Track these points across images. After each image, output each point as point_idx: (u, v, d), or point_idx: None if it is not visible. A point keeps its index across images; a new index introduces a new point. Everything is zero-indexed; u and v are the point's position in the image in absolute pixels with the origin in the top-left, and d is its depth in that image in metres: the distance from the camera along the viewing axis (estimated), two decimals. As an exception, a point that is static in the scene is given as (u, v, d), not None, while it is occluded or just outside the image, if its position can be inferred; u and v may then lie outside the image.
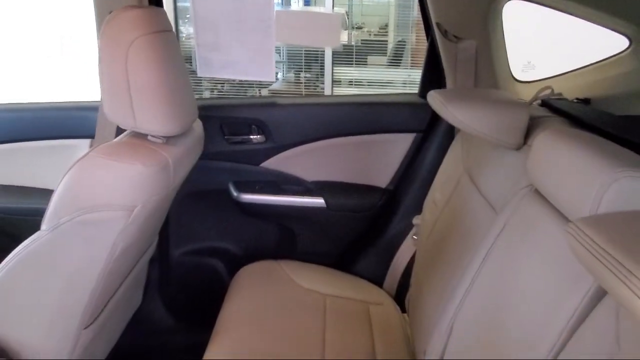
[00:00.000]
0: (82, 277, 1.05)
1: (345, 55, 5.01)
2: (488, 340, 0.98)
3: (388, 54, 5.31)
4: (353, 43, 5.20)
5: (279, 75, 5.59)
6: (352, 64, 5.05)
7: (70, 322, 1.09)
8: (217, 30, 1.48)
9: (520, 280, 0.93)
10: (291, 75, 5.58)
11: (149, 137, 1.12)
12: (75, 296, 1.06)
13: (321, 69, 5.02)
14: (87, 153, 1.03)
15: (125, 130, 1.16)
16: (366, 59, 5.13)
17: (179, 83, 1.12)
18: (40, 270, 1.03)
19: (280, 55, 5.48)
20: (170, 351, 1.78)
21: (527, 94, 1.59)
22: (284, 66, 5.55)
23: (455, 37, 1.50)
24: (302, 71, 5.24)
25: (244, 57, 1.56)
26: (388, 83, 5.13)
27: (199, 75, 1.57)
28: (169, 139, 1.14)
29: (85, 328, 1.13)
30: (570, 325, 0.77)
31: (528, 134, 1.13)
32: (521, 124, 1.09)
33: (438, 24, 1.50)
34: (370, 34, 5.43)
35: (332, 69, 4.94)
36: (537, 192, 0.98)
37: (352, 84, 5.18)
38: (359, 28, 5.47)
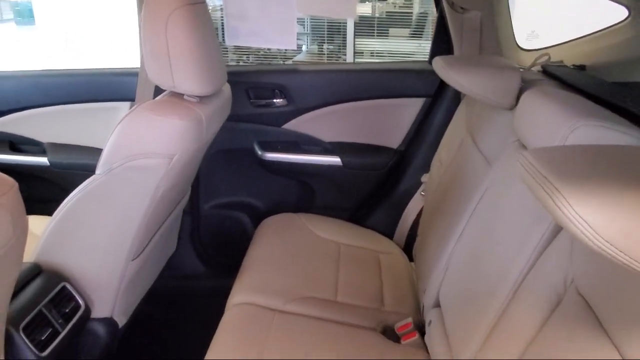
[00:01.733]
0: (129, 215, 1.24)
1: (367, 27, 5.09)
2: (471, 276, 1.14)
3: (412, 25, 5.36)
4: (377, 15, 5.26)
5: (304, 47, 5.71)
6: (374, 35, 5.12)
7: (120, 254, 1.28)
8: (243, 1, 1.63)
9: (499, 223, 1.08)
10: (314, 47, 5.68)
11: (185, 97, 1.29)
12: (124, 231, 1.25)
13: (343, 40, 5.12)
14: (134, 109, 1.20)
15: (163, 91, 1.33)
16: (388, 30, 5.19)
17: (211, 49, 1.28)
18: (95, 208, 1.22)
19: (304, 27, 5.58)
20: (200, 295, 1.97)
21: (530, 61, 1.70)
22: (308, 38, 5.65)
23: (462, 8, 1.61)
24: (324, 43, 5.34)
25: (267, 27, 1.71)
26: (409, 54, 5.21)
27: (227, 43, 1.72)
28: (202, 99, 1.31)
29: (132, 260, 1.32)
30: (535, 255, 0.92)
31: (520, 95, 1.26)
32: (513, 86, 1.22)
33: (446, -5, 1.62)
34: (395, 6, 5.48)
35: (354, 41, 5.03)
36: (523, 146, 1.12)
37: (373, 55, 5.27)
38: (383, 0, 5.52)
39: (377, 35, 5.12)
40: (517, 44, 1.74)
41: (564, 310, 0.81)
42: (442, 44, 1.76)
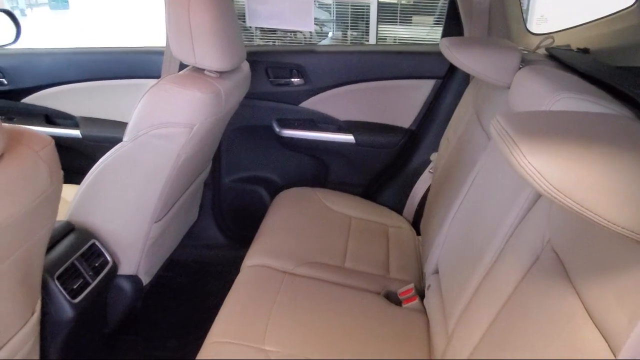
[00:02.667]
0: (153, 179, 1.35)
1: (391, 14, 5.12)
2: (465, 242, 1.22)
3: (436, 13, 5.36)
4: (404, 1, 5.28)
5: (330, 34, 5.78)
6: (397, 22, 5.15)
7: (144, 216, 1.40)
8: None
9: (490, 192, 1.16)
10: (339, 33, 5.74)
11: (206, 72, 1.39)
12: (148, 194, 1.37)
13: (366, 26, 5.16)
14: (158, 81, 1.31)
15: (186, 66, 1.43)
16: (411, 17, 5.22)
17: (231, 28, 1.37)
18: (122, 173, 1.34)
19: (330, 14, 5.64)
20: (219, 264, 2.09)
21: (542, 46, 1.75)
22: (334, 25, 5.71)
23: (473, -9, 1.67)
24: (348, 29, 5.40)
25: (286, 9, 1.80)
26: (432, 41, 5.23)
27: (248, 24, 1.82)
28: (221, 74, 1.41)
29: (156, 222, 1.44)
30: (518, 219, 1.00)
31: (520, 75, 1.32)
32: (511, 65, 1.28)
33: (457, -21, 1.68)
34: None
35: (377, 27, 5.07)
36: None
37: (396, 42, 5.30)
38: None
39: (400, 22, 5.15)
40: (526, 27, 1.79)
41: (540, 266, 0.89)
42: (453, 27, 1.82)
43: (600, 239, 0.76)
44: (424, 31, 5.24)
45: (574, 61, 1.35)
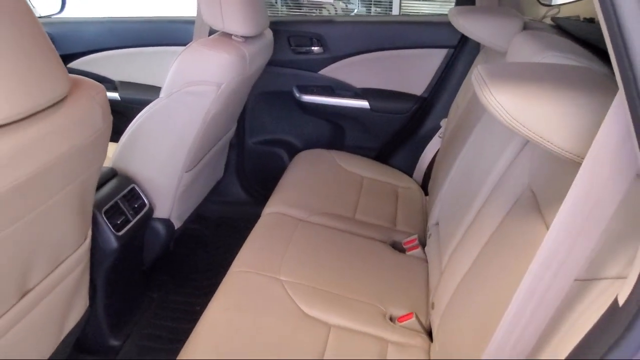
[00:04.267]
0: (185, 132, 1.51)
1: (415, -11, 5.17)
2: (461, 191, 1.36)
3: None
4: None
5: (355, 11, 5.85)
6: (421, -2, 5.20)
7: (177, 165, 1.57)
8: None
9: (486, 144, 1.29)
10: (363, 9, 5.81)
11: (233, 37, 1.54)
12: (180, 145, 1.53)
13: (390, 3, 5.22)
14: (190, 44, 1.47)
15: (214, 33, 1.58)
16: (435, -8, 5.25)
17: (255, -3, 1.52)
18: (158, 125, 1.50)
19: (353, -9, 5.71)
20: (240, 219, 2.25)
21: (548, 15, 1.84)
22: (359, 2, 5.78)
23: (484, -37, 1.77)
24: (372, 5, 5.46)
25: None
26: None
27: (272, -5, 1.95)
28: (246, 39, 1.55)
29: (186, 172, 1.61)
30: (505, 165, 1.13)
31: (521, 41, 1.43)
32: (513, 31, 1.39)
33: (470, -48, 1.78)
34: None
35: (400, 3, 5.12)
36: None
37: (419, 17, 5.34)
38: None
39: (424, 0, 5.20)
40: (537, -1, 1.88)
41: (519, 205, 1.02)
42: (465, -1, 1.93)
43: (568, 178, 0.89)
44: (447, 7, 5.27)
45: (574, 28, 1.45)
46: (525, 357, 0.69)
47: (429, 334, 1.24)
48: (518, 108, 0.71)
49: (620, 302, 0.53)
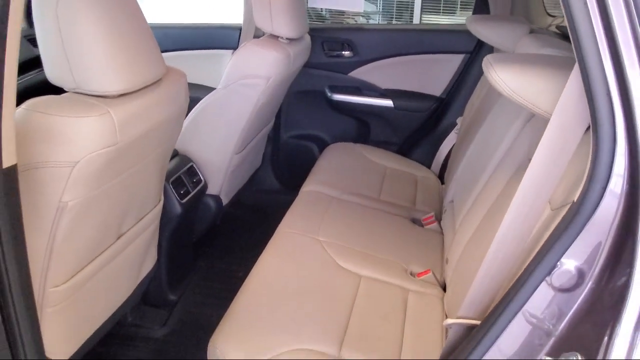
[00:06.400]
0: (237, 118, 1.78)
1: (434, 4, 5.43)
2: (472, 168, 1.59)
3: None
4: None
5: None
6: (440, 12, 5.46)
7: (229, 147, 1.83)
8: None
9: (495, 127, 1.53)
10: (385, 22, 6.09)
11: (279, 39, 1.81)
12: (233, 130, 1.80)
13: (411, 16, 5.49)
14: (244, 44, 1.74)
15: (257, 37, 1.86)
16: (455, 7, 5.51)
17: (300, 5, 1.79)
18: (215, 112, 1.77)
19: (376, 6, 6.00)
20: (275, 206, 2.50)
21: (554, 24, 2.08)
22: (379, 16, 6.07)
23: (497, -21, 2.02)
24: (393, 18, 5.74)
25: (341, -7, 2.19)
26: (474, 31, 5.49)
27: (310, 5, 2.23)
28: (290, 41, 1.82)
29: (236, 154, 1.87)
30: (511, 140, 1.37)
31: (527, 45, 1.68)
32: (520, 34, 1.64)
33: (484, -32, 2.04)
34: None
35: (421, 17, 5.39)
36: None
37: (438, 30, 5.60)
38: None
39: (443, 13, 5.46)
40: (545, 9, 2.13)
41: (519, 171, 1.26)
42: (481, 8, 2.18)
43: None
44: (463, 19, 5.52)
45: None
46: (509, 274, 0.92)
47: (444, 288, 1.47)
48: (514, 81, 0.96)
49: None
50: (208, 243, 2.13)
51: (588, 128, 0.79)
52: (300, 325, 1.20)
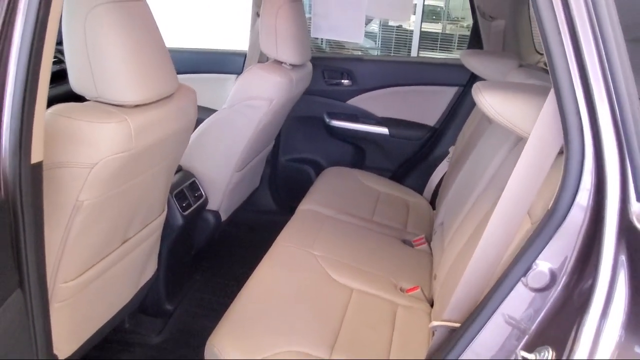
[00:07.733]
0: (240, 137, 1.87)
1: (431, 42, 5.63)
2: (461, 191, 1.68)
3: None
4: (446, 31, 5.79)
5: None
6: (437, 49, 5.66)
7: (230, 164, 1.91)
8: (327, 4, 2.25)
9: (480, 157, 1.62)
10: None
11: (283, 64, 1.92)
12: (235, 148, 1.89)
13: (408, 52, 5.68)
14: (250, 68, 1.85)
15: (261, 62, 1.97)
16: (452, 46, 5.71)
17: (303, 34, 1.90)
18: (219, 131, 1.86)
19: (375, 43, 6.21)
20: (271, 226, 2.56)
21: (542, 61, 2.21)
22: (378, 51, 6.27)
23: (490, 17, 2.16)
24: (391, 54, 5.93)
25: (343, 24, 2.31)
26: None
27: (312, 35, 2.35)
28: (293, 67, 1.93)
29: (237, 172, 1.96)
30: (498, 164, 1.46)
31: (515, 79, 1.79)
32: (509, 68, 1.75)
33: (478, 7, 2.17)
34: (468, 29, 5.98)
35: (418, 53, 5.59)
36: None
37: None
38: (455, 21, 6.05)
39: (440, 50, 5.66)
40: (535, 47, 2.25)
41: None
42: (475, 44, 2.31)
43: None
44: (457, 54, 5.72)
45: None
46: (490, 279, 1.00)
47: (431, 304, 1.54)
48: (499, 105, 1.06)
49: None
50: (206, 257, 2.19)
51: (562, 151, 0.89)
52: (294, 329, 1.26)
